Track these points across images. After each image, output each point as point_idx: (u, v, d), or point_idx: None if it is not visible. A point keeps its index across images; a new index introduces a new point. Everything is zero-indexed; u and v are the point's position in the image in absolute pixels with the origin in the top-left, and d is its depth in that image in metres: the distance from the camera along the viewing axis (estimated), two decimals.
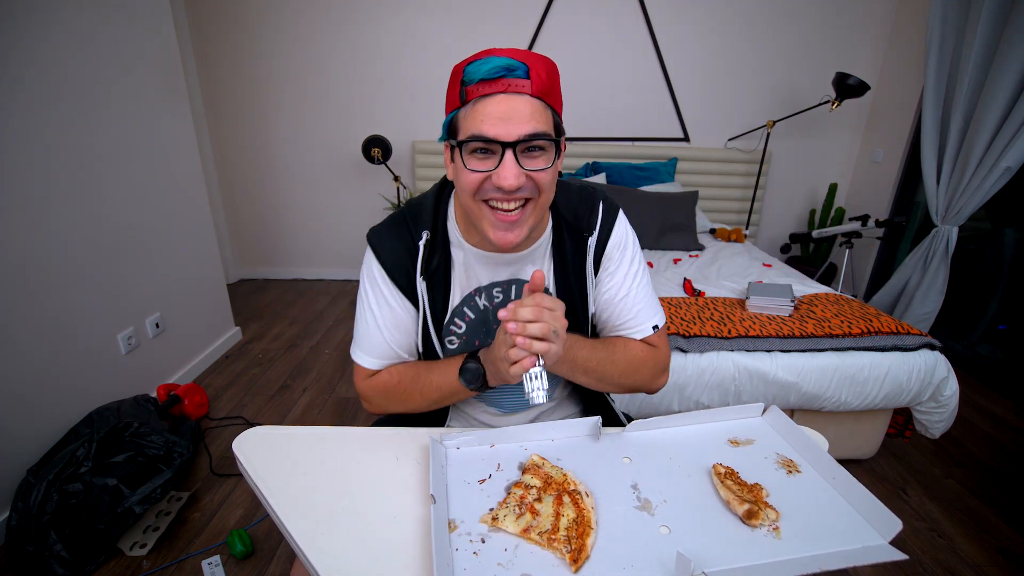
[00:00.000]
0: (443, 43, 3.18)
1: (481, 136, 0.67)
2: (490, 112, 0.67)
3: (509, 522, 0.65)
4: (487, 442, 0.82)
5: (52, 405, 1.65)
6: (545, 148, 0.70)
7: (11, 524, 1.39)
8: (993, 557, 1.55)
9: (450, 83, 0.72)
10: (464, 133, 0.69)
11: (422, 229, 0.82)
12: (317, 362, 2.58)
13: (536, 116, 0.68)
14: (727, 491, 0.70)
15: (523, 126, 0.67)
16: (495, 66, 0.66)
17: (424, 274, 0.82)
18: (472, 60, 0.69)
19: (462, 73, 0.69)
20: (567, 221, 0.85)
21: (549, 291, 0.87)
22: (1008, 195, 2.43)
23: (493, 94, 0.67)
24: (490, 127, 0.67)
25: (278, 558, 1.47)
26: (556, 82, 0.72)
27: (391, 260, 0.83)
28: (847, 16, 3.10)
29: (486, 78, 0.66)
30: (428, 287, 0.83)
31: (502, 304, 0.85)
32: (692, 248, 2.83)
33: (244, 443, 0.80)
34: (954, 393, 1.69)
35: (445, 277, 0.84)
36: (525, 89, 0.67)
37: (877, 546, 0.63)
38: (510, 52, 0.68)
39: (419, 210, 0.84)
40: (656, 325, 0.90)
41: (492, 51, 0.69)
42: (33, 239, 1.59)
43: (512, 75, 0.66)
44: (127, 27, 1.94)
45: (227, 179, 3.51)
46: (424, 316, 0.84)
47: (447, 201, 0.86)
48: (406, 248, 0.83)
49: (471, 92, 0.67)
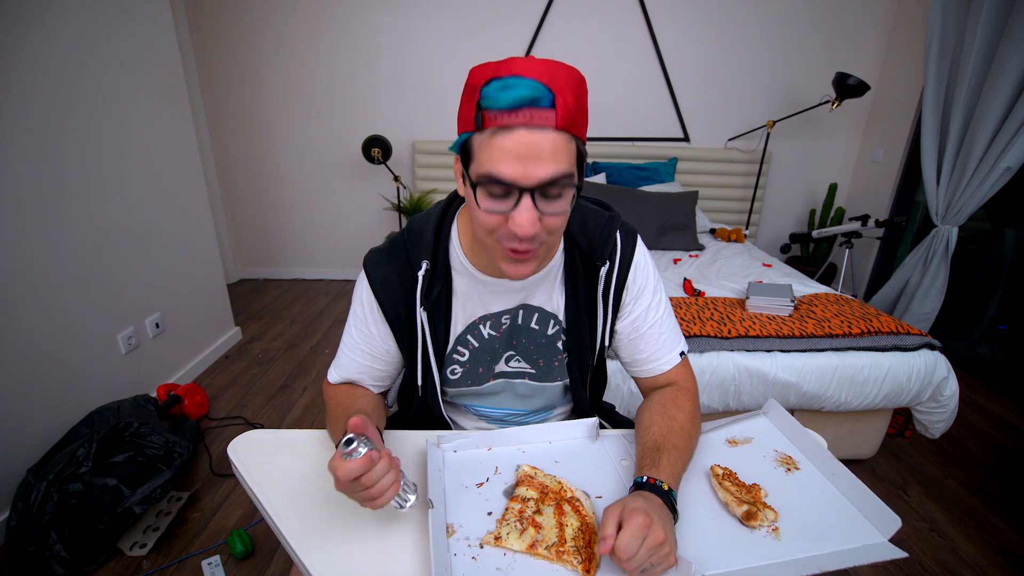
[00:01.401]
0: (443, 43, 3.18)
1: (497, 179, 0.60)
2: (508, 149, 0.59)
3: (513, 539, 0.64)
4: (484, 445, 0.82)
5: (52, 405, 1.65)
6: (566, 191, 0.63)
7: (11, 524, 1.39)
8: (993, 557, 1.55)
9: (465, 94, 0.63)
10: (479, 165, 0.61)
11: (422, 259, 0.77)
12: (317, 362, 2.58)
13: (559, 154, 0.60)
14: (725, 492, 0.70)
15: (544, 168, 0.59)
16: (517, 96, 0.57)
17: (424, 304, 0.78)
18: (491, 78, 0.59)
19: (479, 93, 0.60)
20: (580, 248, 0.81)
21: (559, 319, 0.84)
22: (1008, 195, 2.43)
23: (513, 128, 0.58)
24: (507, 168, 0.59)
25: (278, 558, 1.47)
26: (584, 103, 0.62)
27: (383, 290, 0.80)
28: (847, 16, 3.10)
29: (505, 108, 0.58)
30: (429, 317, 0.79)
31: (508, 330, 0.83)
32: (692, 248, 2.83)
33: (239, 447, 0.80)
34: (954, 393, 1.69)
35: (447, 306, 0.81)
36: (549, 122, 0.58)
37: (877, 544, 0.63)
38: (535, 69, 0.58)
39: (419, 237, 0.79)
40: (682, 352, 0.87)
41: (515, 66, 0.59)
42: (33, 239, 1.59)
43: (536, 106, 0.57)
44: (127, 27, 1.94)
45: (227, 179, 3.51)
46: (425, 347, 0.81)
47: (450, 224, 0.81)
48: (401, 279, 0.79)
49: (488, 119, 0.59)
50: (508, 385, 0.89)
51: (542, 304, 0.83)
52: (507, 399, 0.91)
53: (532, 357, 0.86)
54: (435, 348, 0.82)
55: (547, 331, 0.84)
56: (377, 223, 3.58)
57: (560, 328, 0.85)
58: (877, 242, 3.20)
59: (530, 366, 0.87)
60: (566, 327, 0.84)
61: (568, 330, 0.84)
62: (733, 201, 3.47)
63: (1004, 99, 2.24)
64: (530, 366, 0.87)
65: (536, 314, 0.83)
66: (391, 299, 0.79)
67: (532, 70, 0.58)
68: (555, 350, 0.86)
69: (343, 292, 3.52)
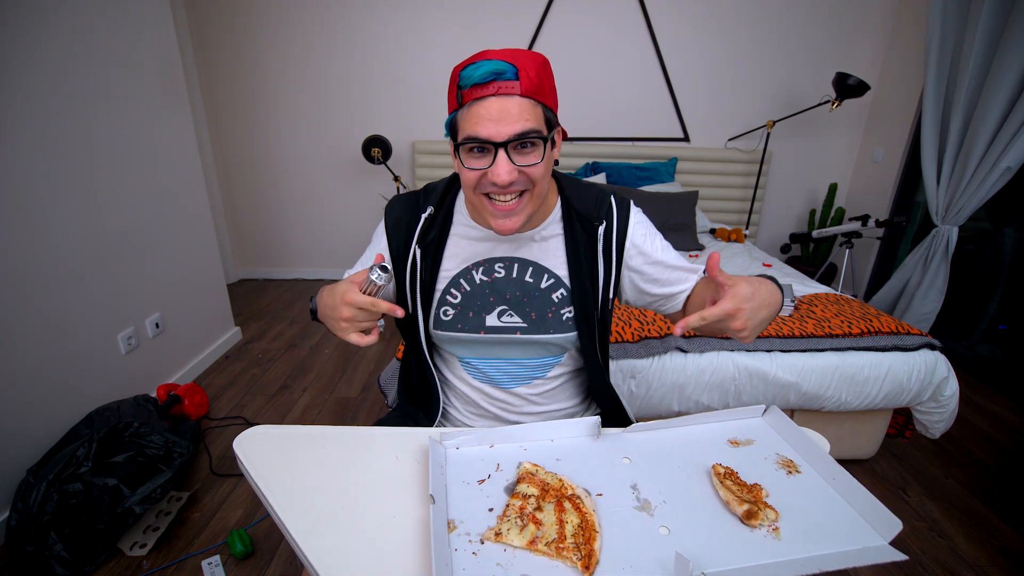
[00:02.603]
0: (443, 43, 3.19)
1: (475, 137, 0.74)
2: (482, 114, 0.73)
3: (513, 535, 0.64)
4: (486, 442, 0.82)
5: (52, 405, 1.65)
6: (536, 144, 0.76)
7: (11, 524, 1.39)
8: (993, 557, 1.55)
9: (450, 85, 0.77)
10: (461, 134, 0.76)
11: (428, 205, 0.91)
12: (317, 362, 2.58)
13: (526, 115, 0.73)
14: (727, 491, 0.70)
15: (513, 126, 0.72)
16: (486, 71, 0.71)
17: (420, 243, 0.91)
18: (467, 64, 0.73)
19: (458, 77, 0.74)
20: (578, 212, 0.91)
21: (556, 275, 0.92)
22: (1008, 195, 2.43)
23: (485, 97, 0.72)
24: (483, 128, 0.73)
25: (278, 558, 1.47)
26: (547, 78, 0.76)
27: (393, 227, 0.93)
28: (847, 16, 3.10)
29: (478, 82, 0.72)
30: (423, 256, 0.91)
31: (503, 279, 0.92)
32: (692, 248, 2.83)
33: (244, 442, 0.80)
34: (954, 393, 1.69)
35: (437, 250, 0.92)
36: (514, 90, 0.72)
37: (877, 547, 0.63)
38: (502, 54, 0.73)
39: (432, 189, 0.94)
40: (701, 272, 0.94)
41: (486, 53, 0.74)
42: (33, 239, 1.59)
43: (502, 78, 0.71)
44: (127, 27, 1.94)
45: (227, 179, 3.51)
46: (415, 279, 0.92)
47: (459, 186, 0.94)
48: (410, 218, 0.92)
49: (466, 96, 0.73)
50: (499, 340, 0.94)
51: (536, 258, 0.92)
52: (498, 350, 0.95)
53: (525, 310, 0.92)
54: (423, 285, 0.92)
55: (540, 284, 0.92)
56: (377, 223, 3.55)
57: (554, 282, 0.92)
58: (877, 242, 3.20)
59: (522, 319, 0.93)
60: (570, 285, 0.92)
61: (572, 288, 0.92)
62: (733, 201, 3.47)
63: (1004, 99, 2.25)
64: (522, 319, 0.93)
65: (531, 267, 0.92)
66: (398, 236, 0.93)
67: (497, 53, 0.72)
68: (548, 302, 0.92)
69: None
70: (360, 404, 2.24)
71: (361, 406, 2.22)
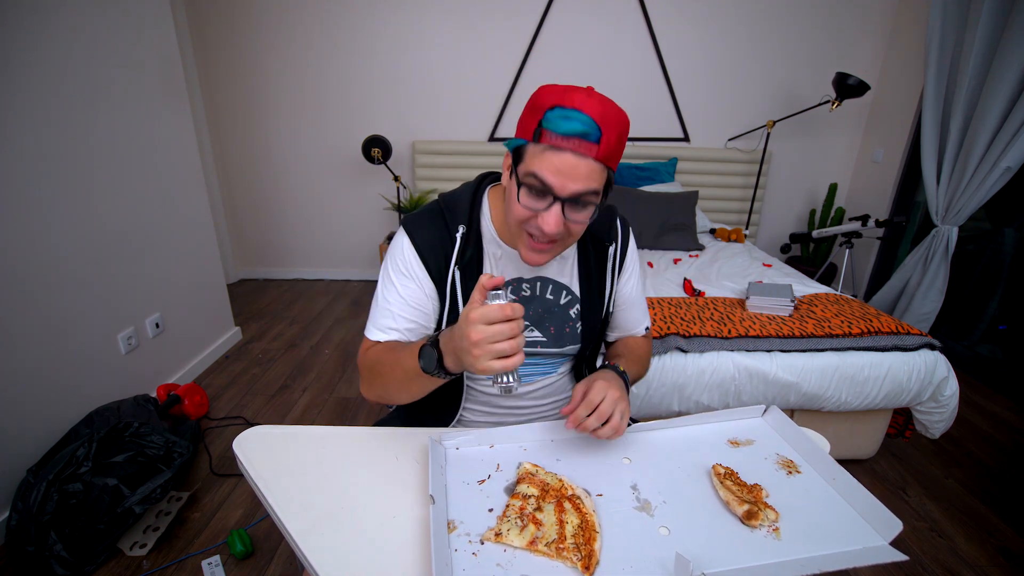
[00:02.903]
0: (443, 43, 3.18)
1: (540, 179, 0.73)
2: (554, 164, 0.72)
3: (513, 536, 0.64)
4: (486, 442, 0.82)
5: (52, 405, 1.65)
6: (590, 203, 0.77)
7: (11, 524, 1.39)
8: (993, 557, 1.55)
9: (529, 108, 0.75)
10: (528, 167, 0.75)
11: (459, 223, 0.88)
12: (317, 362, 2.58)
13: (593, 177, 0.73)
14: (727, 492, 0.70)
15: (577, 184, 0.73)
16: (572, 130, 0.70)
17: (459, 264, 0.87)
18: (557, 103, 0.71)
19: (543, 114, 0.72)
20: (591, 231, 0.93)
21: (571, 291, 0.95)
22: (1008, 195, 2.43)
23: (562, 149, 0.71)
24: (550, 175, 0.73)
25: (278, 558, 1.47)
26: (624, 141, 0.76)
27: (426, 246, 0.87)
28: (847, 16, 3.10)
29: (562, 134, 0.71)
30: (462, 277, 0.88)
31: (529, 298, 0.93)
32: (692, 248, 2.83)
33: (244, 442, 0.80)
34: (954, 393, 1.69)
35: (477, 269, 0.89)
36: (591, 153, 0.71)
37: (877, 547, 0.63)
38: (592, 106, 0.71)
39: (455, 205, 0.90)
40: (647, 326, 1.08)
41: (576, 98, 0.71)
42: (33, 239, 1.59)
43: (585, 139, 0.71)
44: (127, 27, 1.94)
45: (227, 179, 3.51)
46: (455, 305, 0.89)
47: (482, 197, 0.92)
48: (441, 238, 0.88)
49: (545, 137, 0.72)
50: None
51: (555, 276, 0.95)
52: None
53: (544, 325, 0.94)
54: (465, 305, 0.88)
55: (560, 301, 0.95)
56: (377, 223, 3.58)
57: (572, 299, 0.95)
58: (877, 242, 3.20)
59: (542, 335, 0.94)
60: (581, 300, 0.96)
61: (583, 302, 0.96)
62: (733, 201, 3.47)
63: (1004, 99, 2.25)
64: (542, 335, 0.94)
65: (551, 285, 0.95)
66: (432, 256, 0.87)
67: (590, 107, 0.71)
68: (566, 317, 0.95)
69: (343, 292, 3.52)
70: (360, 404, 2.24)
71: (361, 406, 2.22)
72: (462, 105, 3.34)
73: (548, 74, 3.23)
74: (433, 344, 0.73)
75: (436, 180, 3.42)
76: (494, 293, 0.65)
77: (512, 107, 3.32)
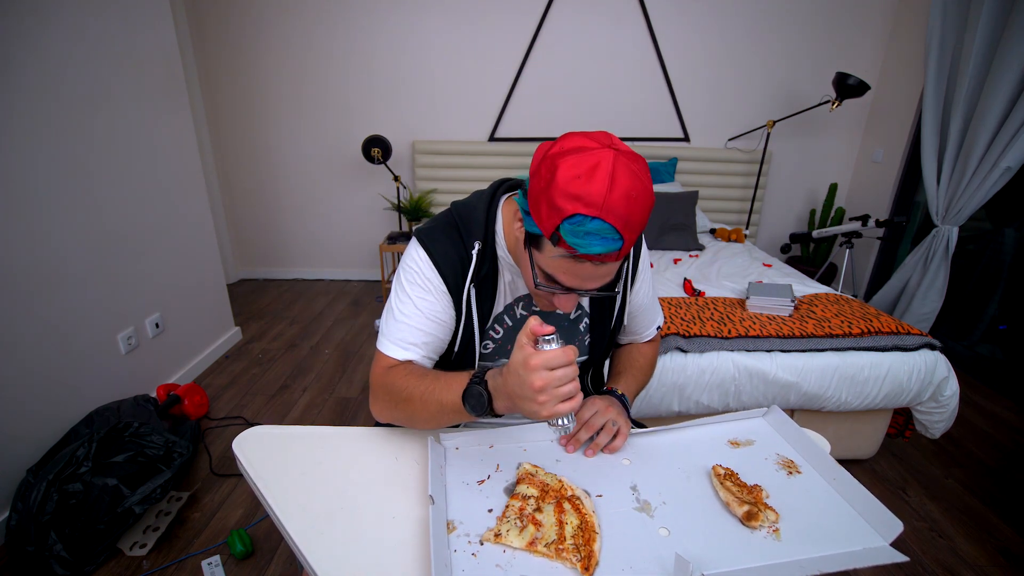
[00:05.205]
0: (444, 43, 3.18)
1: (558, 283, 0.73)
2: (573, 270, 0.70)
3: (513, 536, 0.64)
4: (486, 443, 0.82)
5: (52, 405, 1.65)
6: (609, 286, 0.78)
7: (11, 524, 1.39)
8: (993, 557, 1.55)
9: (546, 197, 0.65)
10: (545, 266, 0.72)
11: (475, 239, 0.85)
12: (317, 362, 2.58)
13: (612, 271, 0.72)
14: (727, 492, 0.70)
15: (596, 283, 0.72)
16: (595, 249, 0.64)
17: (475, 280, 0.85)
18: (576, 212, 0.63)
19: (562, 220, 0.64)
20: None
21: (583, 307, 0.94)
22: (1008, 195, 2.43)
23: (582, 261, 0.67)
24: (568, 280, 0.71)
25: (278, 558, 1.47)
26: (646, 223, 0.69)
27: (444, 260, 0.84)
28: (847, 16, 3.10)
29: (581, 253, 0.65)
30: (477, 293, 0.86)
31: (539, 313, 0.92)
32: (692, 248, 2.83)
33: (244, 443, 0.80)
34: (954, 393, 1.69)
35: (492, 285, 0.88)
36: (612, 259, 0.68)
37: (878, 548, 0.63)
38: (616, 210, 0.63)
39: (470, 219, 0.86)
40: (659, 325, 1.07)
41: (596, 196, 0.62)
42: (33, 239, 1.59)
43: (607, 252, 0.65)
44: (127, 27, 1.94)
45: (227, 179, 3.51)
46: (470, 320, 0.87)
47: (496, 211, 0.87)
48: (458, 253, 0.85)
49: (564, 245, 0.66)
50: None
51: None
52: None
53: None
54: (480, 322, 0.88)
55: (570, 315, 0.94)
56: (377, 223, 3.58)
57: (581, 313, 0.95)
58: (877, 242, 3.20)
59: None
60: (591, 314, 0.95)
61: (592, 316, 0.95)
62: (733, 201, 3.47)
63: (1004, 99, 2.25)
64: None
65: None
66: (451, 271, 0.85)
67: (613, 211, 0.63)
68: (575, 332, 0.95)
69: (343, 292, 3.52)
70: (360, 404, 2.24)
71: (361, 406, 2.22)
72: (462, 105, 3.34)
73: (548, 74, 3.23)
74: (479, 383, 0.71)
75: (436, 180, 3.41)
76: (546, 338, 0.64)
77: (512, 107, 3.32)
